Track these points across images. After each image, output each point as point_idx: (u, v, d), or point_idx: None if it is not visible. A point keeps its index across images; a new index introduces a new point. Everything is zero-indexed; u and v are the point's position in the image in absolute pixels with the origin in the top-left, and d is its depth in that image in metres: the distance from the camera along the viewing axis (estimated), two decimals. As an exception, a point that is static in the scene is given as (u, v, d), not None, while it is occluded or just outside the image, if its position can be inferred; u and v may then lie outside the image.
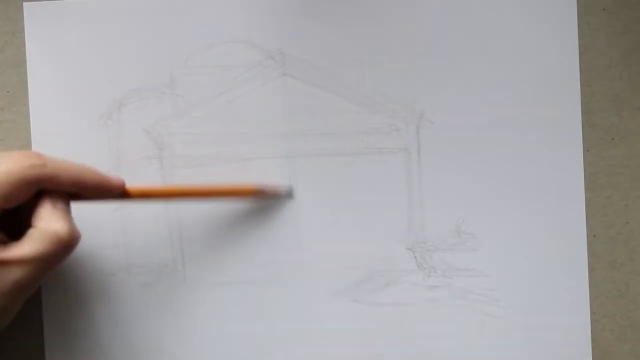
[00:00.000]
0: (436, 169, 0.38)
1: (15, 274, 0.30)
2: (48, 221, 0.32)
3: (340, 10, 0.38)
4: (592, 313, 0.38)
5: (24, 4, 0.38)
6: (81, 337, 0.38)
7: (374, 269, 0.38)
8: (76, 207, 0.38)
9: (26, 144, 0.38)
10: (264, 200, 0.37)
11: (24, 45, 0.38)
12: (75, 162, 0.33)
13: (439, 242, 0.38)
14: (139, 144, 0.38)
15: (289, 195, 0.37)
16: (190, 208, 0.38)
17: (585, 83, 0.37)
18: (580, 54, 0.37)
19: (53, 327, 0.38)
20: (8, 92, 0.38)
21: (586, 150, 0.38)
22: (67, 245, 0.32)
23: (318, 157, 0.38)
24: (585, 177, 0.38)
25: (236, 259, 0.38)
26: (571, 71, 0.37)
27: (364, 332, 0.38)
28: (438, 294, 0.38)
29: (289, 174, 0.38)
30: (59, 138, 0.38)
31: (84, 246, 0.37)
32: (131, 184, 0.37)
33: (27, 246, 0.31)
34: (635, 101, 0.38)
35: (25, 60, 0.38)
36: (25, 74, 0.38)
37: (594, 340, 0.37)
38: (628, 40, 0.38)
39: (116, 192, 0.34)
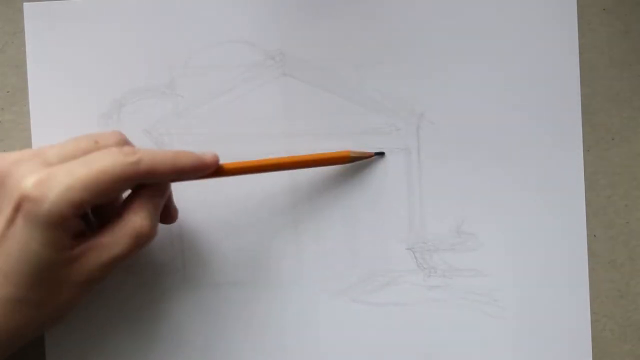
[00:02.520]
0: (436, 168, 0.38)
1: (89, 267, 0.30)
2: (136, 214, 0.31)
3: (341, 11, 0.38)
4: (592, 313, 0.38)
5: (24, 4, 0.38)
6: (81, 336, 0.38)
7: (374, 269, 0.38)
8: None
9: (26, 144, 0.38)
10: (356, 162, 0.38)
11: (24, 45, 0.38)
12: (167, 149, 0.33)
13: (439, 242, 0.38)
14: (139, 144, 0.38)
15: (380, 154, 0.38)
16: (190, 208, 0.38)
17: (585, 83, 0.37)
18: (580, 54, 0.37)
19: (53, 327, 0.38)
20: (8, 92, 0.38)
21: (586, 150, 0.38)
22: (144, 242, 0.31)
23: (318, 157, 0.38)
24: (586, 177, 0.38)
25: (236, 259, 0.38)
26: (571, 71, 0.37)
27: (364, 332, 0.38)
28: (438, 294, 0.38)
29: (289, 174, 0.38)
30: (59, 138, 0.37)
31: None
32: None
33: (107, 239, 0.31)
34: (635, 101, 0.38)
35: (25, 60, 0.38)
36: (25, 74, 0.38)
37: (594, 340, 0.37)
38: (628, 40, 0.38)
39: (211, 170, 0.33)
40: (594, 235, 0.38)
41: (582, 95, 0.37)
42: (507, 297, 0.38)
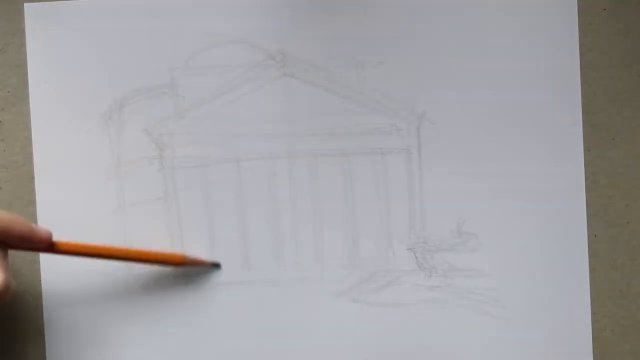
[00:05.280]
0: (437, 169, 0.38)
1: None
2: None
3: (341, 11, 0.38)
4: (593, 313, 0.38)
5: (25, 4, 0.38)
6: (81, 336, 0.38)
7: (375, 269, 0.38)
8: (76, 206, 0.38)
9: (26, 144, 0.38)
10: (190, 269, 0.37)
11: (24, 45, 0.38)
12: (4, 211, 0.33)
13: (439, 242, 0.38)
14: (139, 144, 0.38)
15: (215, 266, 0.38)
16: (190, 207, 0.38)
17: (585, 83, 0.37)
18: (581, 54, 0.37)
19: (54, 326, 0.38)
20: (9, 92, 0.38)
21: (587, 150, 0.38)
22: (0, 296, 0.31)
23: (318, 157, 0.38)
24: (586, 177, 0.38)
25: (236, 259, 0.38)
26: (571, 71, 0.37)
27: (365, 332, 0.38)
28: (439, 294, 0.38)
29: (289, 174, 0.38)
30: (59, 138, 0.38)
31: (84, 246, 0.37)
32: (132, 185, 0.38)
33: None
34: (635, 101, 0.38)
35: (25, 61, 0.38)
36: (25, 74, 0.38)
37: (595, 340, 0.37)
38: (628, 40, 0.38)
39: (42, 245, 0.34)
40: (595, 236, 0.38)
41: (582, 95, 0.37)
42: (507, 297, 0.38)
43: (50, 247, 0.34)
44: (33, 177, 0.38)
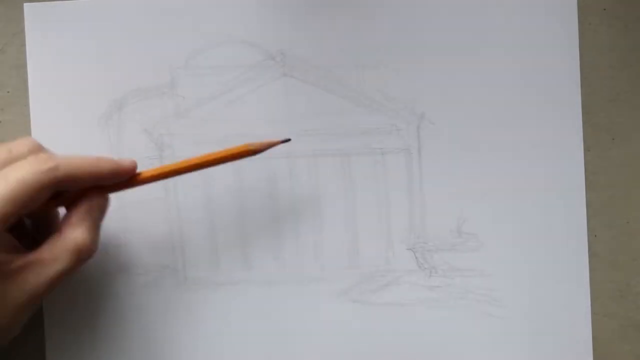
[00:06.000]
0: (437, 169, 0.38)
1: (30, 284, 0.30)
2: (75, 229, 0.31)
3: (341, 11, 0.38)
4: (593, 313, 0.38)
5: (25, 4, 0.38)
6: (82, 337, 0.38)
7: (375, 269, 0.38)
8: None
9: (26, 144, 0.38)
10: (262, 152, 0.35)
11: (24, 45, 0.38)
12: (86, 155, 0.32)
13: (439, 242, 0.38)
14: (139, 144, 0.38)
15: (286, 141, 0.35)
16: (190, 207, 0.38)
17: (585, 83, 0.37)
18: (580, 54, 0.37)
19: (54, 327, 0.38)
20: (8, 92, 0.38)
21: (587, 150, 0.38)
22: (85, 257, 0.31)
23: (318, 157, 0.38)
24: (586, 177, 0.38)
25: (236, 259, 0.38)
26: (571, 71, 0.37)
27: (365, 332, 0.38)
28: (439, 294, 0.38)
29: (289, 174, 0.38)
30: (59, 138, 0.38)
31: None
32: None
33: (46, 255, 0.30)
34: (635, 101, 0.38)
35: (25, 61, 0.38)
36: (25, 74, 0.38)
37: (594, 340, 0.37)
38: (628, 40, 0.38)
39: (129, 175, 0.33)
40: (595, 235, 0.38)
41: (582, 95, 0.37)
42: (507, 297, 0.38)
43: (136, 178, 0.33)
44: (33, 177, 0.38)
